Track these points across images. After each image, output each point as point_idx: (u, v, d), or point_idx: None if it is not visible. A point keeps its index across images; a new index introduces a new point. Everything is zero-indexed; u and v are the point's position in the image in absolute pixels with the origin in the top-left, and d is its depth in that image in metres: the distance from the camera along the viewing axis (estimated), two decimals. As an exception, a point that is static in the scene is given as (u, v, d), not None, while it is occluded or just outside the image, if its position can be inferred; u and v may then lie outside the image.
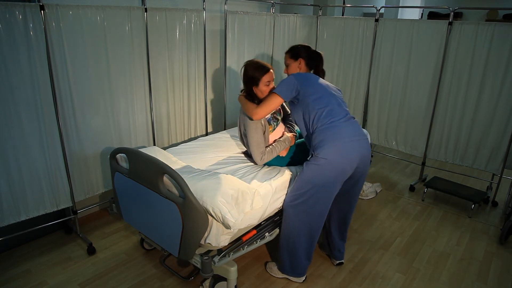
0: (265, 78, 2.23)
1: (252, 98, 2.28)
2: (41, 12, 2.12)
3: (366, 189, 3.48)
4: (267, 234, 2.23)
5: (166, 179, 1.93)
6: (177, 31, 2.93)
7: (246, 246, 2.12)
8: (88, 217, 2.89)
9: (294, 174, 2.27)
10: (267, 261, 2.47)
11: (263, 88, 2.25)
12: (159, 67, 2.89)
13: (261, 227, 2.22)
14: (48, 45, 2.20)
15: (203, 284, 2.19)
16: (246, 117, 2.26)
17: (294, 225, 2.13)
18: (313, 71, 2.35)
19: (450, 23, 3.21)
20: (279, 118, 2.47)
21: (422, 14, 7.77)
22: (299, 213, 2.10)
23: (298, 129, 2.57)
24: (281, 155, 2.37)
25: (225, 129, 3.58)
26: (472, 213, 3.17)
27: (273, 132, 2.39)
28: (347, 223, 2.39)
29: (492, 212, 3.27)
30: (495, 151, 3.22)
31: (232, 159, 2.44)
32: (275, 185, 2.12)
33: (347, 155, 2.00)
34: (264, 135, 2.28)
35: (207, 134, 3.45)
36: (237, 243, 2.08)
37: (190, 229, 1.79)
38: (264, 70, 2.24)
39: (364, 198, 3.40)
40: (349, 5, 4.20)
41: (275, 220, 2.30)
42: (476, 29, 3.11)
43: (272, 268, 2.36)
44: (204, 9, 3.07)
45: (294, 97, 2.14)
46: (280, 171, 2.26)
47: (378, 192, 3.50)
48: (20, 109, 2.16)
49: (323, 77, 2.32)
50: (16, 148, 2.20)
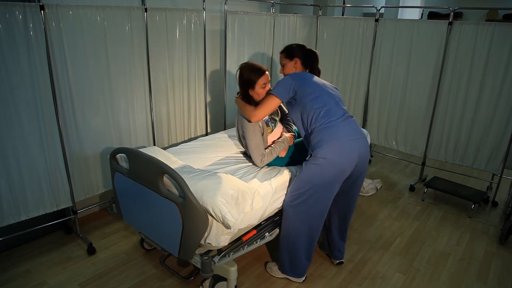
0: (261, 81, 2.22)
1: (249, 101, 2.27)
2: (41, 12, 2.12)
3: (366, 185, 3.47)
4: (267, 234, 2.23)
5: (166, 179, 1.93)
6: (177, 31, 2.93)
7: (246, 246, 2.12)
8: (88, 217, 2.89)
9: (294, 174, 2.27)
10: (267, 261, 2.47)
11: (259, 90, 2.23)
12: (159, 67, 2.89)
13: (261, 227, 2.22)
14: (48, 45, 2.20)
15: (203, 284, 2.19)
16: (244, 119, 2.25)
17: (294, 225, 2.13)
18: (308, 70, 2.33)
19: (450, 23, 3.21)
20: (277, 119, 2.46)
21: (422, 14, 7.77)
22: (298, 213, 2.10)
23: (296, 128, 2.57)
24: (281, 156, 2.37)
25: (225, 129, 3.58)
26: (472, 213, 3.17)
27: (271, 133, 2.39)
28: (347, 223, 2.39)
29: (492, 212, 3.27)
30: (495, 151, 3.22)
31: (232, 159, 2.44)
32: (275, 185, 2.12)
33: (346, 154, 2.00)
34: (263, 137, 2.28)
35: (207, 134, 3.44)
36: (237, 243, 2.08)
37: (190, 229, 1.79)
38: (259, 72, 2.22)
39: (365, 195, 3.40)
40: (349, 5, 4.20)
41: (275, 220, 2.30)
42: (476, 29, 3.11)
43: (272, 268, 2.36)
44: (204, 9, 3.07)
45: (292, 98, 2.14)
46: (280, 171, 2.26)
47: (378, 188, 3.49)
48: (20, 109, 2.16)
49: (318, 76, 2.31)
50: (16, 148, 2.20)
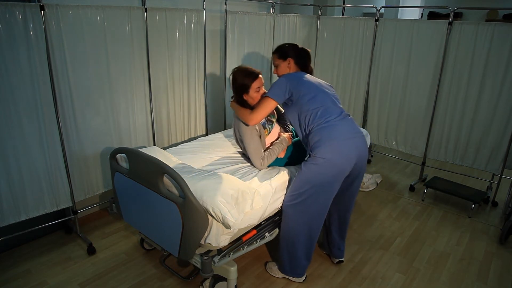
0: (255, 85, 2.20)
1: (244, 105, 2.26)
2: (41, 12, 2.12)
3: (366, 180, 3.45)
4: (267, 234, 2.23)
5: (166, 179, 1.93)
6: (177, 31, 2.93)
7: (246, 246, 2.12)
8: (88, 217, 2.89)
9: (293, 174, 2.27)
10: (267, 261, 2.47)
11: (253, 94, 2.22)
12: (159, 67, 2.89)
13: (261, 227, 2.22)
14: (48, 45, 2.20)
15: (203, 284, 2.19)
16: (240, 123, 2.24)
17: (294, 225, 2.13)
18: (301, 69, 2.30)
19: (450, 23, 3.21)
20: (274, 120, 2.45)
21: (422, 14, 7.77)
22: (298, 213, 2.10)
23: (293, 127, 2.56)
24: (280, 157, 2.36)
25: (225, 129, 3.58)
26: (472, 213, 3.17)
27: (269, 135, 2.37)
28: (346, 222, 2.38)
29: (492, 212, 3.27)
30: (495, 151, 3.22)
31: (232, 159, 2.44)
32: (275, 185, 2.12)
33: (345, 153, 2.00)
34: (261, 140, 2.27)
35: (207, 134, 3.44)
36: (237, 243, 2.08)
37: (190, 229, 1.79)
38: (253, 76, 2.21)
39: (365, 190, 3.38)
40: (349, 5, 4.20)
41: (275, 220, 2.30)
42: (476, 29, 3.11)
43: (272, 268, 2.36)
44: (204, 9, 3.07)
45: (288, 99, 2.13)
46: (280, 171, 2.26)
47: (378, 183, 3.47)
48: (20, 109, 2.16)
49: (311, 74, 2.29)
50: (16, 148, 2.20)
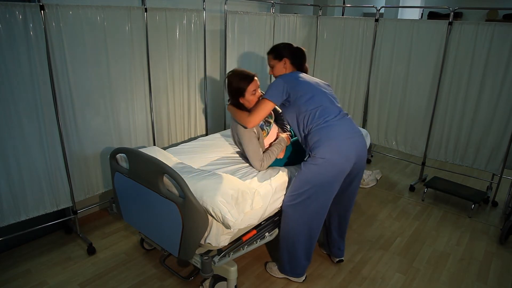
0: (250, 88, 2.20)
1: (240, 108, 2.25)
2: (41, 12, 2.12)
3: (366, 177, 3.44)
4: (267, 234, 2.23)
5: (166, 179, 1.93)
6: (177, 31, 2.93)
7: (246, 246, 2.12)
8: (88, 217, 2.89)
9: (293, 174, 2.27)
10: (267, 261, 2.47)
11: (250, 97, 2.21)
12: (159, 67, 2.89)
13: (261, 227, 2.22)
14: (48, 45, 2.20)
15: (203, 284, 2.19)
16: (238, 126, 2.24)
17: (293, 226, 2.13)
18: (297, 69, 2.29)
19: (450, 23, 3.21)
20: (271, 121, 2.44)
21: (422, 14, 7.77)
22: (298, 214, 2.10)
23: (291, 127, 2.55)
24: (279, 157, 2.36)
25: (225, 129, 3.58)
26: (472, 213, 3.17)
27: (267, 136, 2.37)
28: (346, 221, 2.38)
29: (492, 212, 3.27)
30: (495, 151, 3.22)
31: (232, 159, 2.44)
32: (275, 185, 2.12)
33: (345, 153, 2.00)
34: (259, 141, 2.26)
35: (207, 134, 3.45)
36: (237, 243, 2.08)
37: (190, 229, 1.79)
38: (248, 79, 2.20)
39: (366, 187, 3.38)
40: (349, 5, 4.20)
41: (275, 220, 2.30)
42: (476, 29, 3.11)
43: (272, 268, 2.36)
44: (204, 9, 3.07)
45: (285, 100, 2.12)
46: (280, 171, 2.26)
47: (378, 179, 3.47)
48: (20, 109, 2.16)
49: (306, 73, 2.28)
50: (16, 148, 2.20)
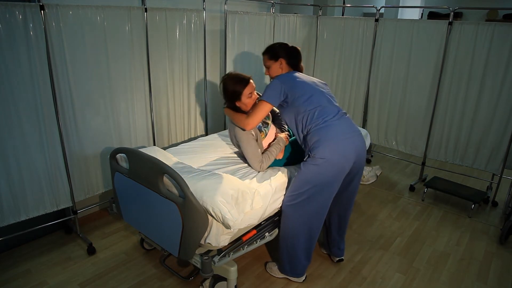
0: (246, 91, 2.19)
1: (237, 111, 2.24)
2: (41, 12, 2.12)
3: (366, 173, 3.41)
4: (267, 234, 2.23)
5: (166, 179, 1.93)
6: (177, 31, 2.93)
7: (246, 246, 2.12)
8: (88, 217, 2.89)
9: (293, 174, 2.27)
10: (267, 261, 2.47)
11: (246, 100, 2.20)
12: (159, 67, 2.89)
13: (261, 227, 2.22)
14: (48, 45, 2.20)
15: (203, 284, 2.19)
16: (236, 128, 2.23)
17: (293, 226, 2.13)
18: (293, 69, 2.27)
19: (450, 23, 3.21)
20: (269, 122, 2.43)
21: (422, 14, 7.77)
22: (298, 214, 2.10)
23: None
24: (278, 158, 2.35)
25: (225, 129, 3.58)
26: (472, 213, 3.17)
27: (266, 137, 2.36)
28: (346, 221, 2.38)
29: (492, 212, 3.27)
30: (495, 151, 3.22)
31: (232, 159, 2.44)
32: (274, 185, 2.12)
33: (344, 153, 2.00)
34: (258, 143, 2.26)
35: (207, 134, 3.44)
36: (237, 243, 2.08)
37: (190, 229, 1.79)
38: (244, 82, 2.19)
39: (366, 183, 3.36)
40: (349, 5, 4.20)
41: (275, 220, 2.30)
42: (476, 29, 3.11)
43: (272, 268, 2.36)
44: (204, 9, 3.07)
45: (283, 101, 2.11)
46: (280, 171, 2.26)
47: (378, 175, 3.44)
48: (20, 109, 2.16)
49: (302, 72, 2.27)
50: (16, 148, 2.20)
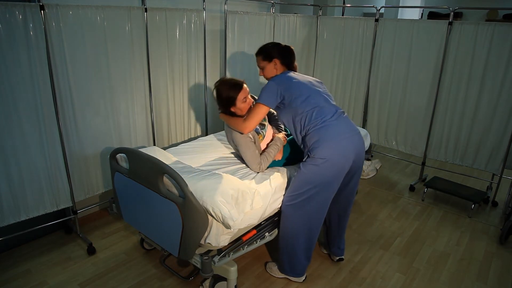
0: (241, 95, 2.18)
1: (233, 116, 2.24)
2: (41, 12, 2.12)
3: (366, 168, 3.39)
4: (267, 234, 2.23)
5: (166, 179, 1.93)
6: (177, 31, 2.93)
7: (246, 246, 2.12)
8: (88, 217, 2.89)
9: (293, 174, 2.26)
10: (267, 261, 2.47)
11: (241, 105, 2.20)
12: (159, 67, 2.89)
13: (261, 227, 2.22)
14: (48, 45, 2.20)
15: (203, 284, 2.19)
16: (232, 132, 2.23)
17: (293, 226, 2.13)
18: (287, 68, 2.26)
19: (450, 23, 3.21)
20: (266, 123, 2.42)
21: (422, 14, 7.77)
22: (297, 214, 2.10)
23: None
24: (277, 159, 2.35)
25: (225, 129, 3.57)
26: (472, 213, 3.17)
27: (263, 139, 2.35)
28: (346, 220, 2.38)
29: (492, 212, 3.27)
30: (495, 151, 3.22)
31: (232, 159, 2.44)
32: (274, 185, 2.12)
33: (344, 152, 2.00)
34: (256, 145, 2.26)
35: (207, 134, 3.44)
36: (237, 243, 2.08)
37: (190, 229, 1.79)
38: (238, 87, 2.18)
39: (366, 178, 3.35)
40: (349, 5, 4.20)
41: (275, 220, 2.30)
42: (476, 29, 3.10)
43: (272, 268, 2.36)
44: (204, 9, 3.07)
45: (280, 102, 2.11)
46: (280, 171, 2.26)
47: (378, 168, 3.42)
48: (20, 109, 2.16)
49: (296, 72, 2.26)
50: (16, 148, 2.20)
